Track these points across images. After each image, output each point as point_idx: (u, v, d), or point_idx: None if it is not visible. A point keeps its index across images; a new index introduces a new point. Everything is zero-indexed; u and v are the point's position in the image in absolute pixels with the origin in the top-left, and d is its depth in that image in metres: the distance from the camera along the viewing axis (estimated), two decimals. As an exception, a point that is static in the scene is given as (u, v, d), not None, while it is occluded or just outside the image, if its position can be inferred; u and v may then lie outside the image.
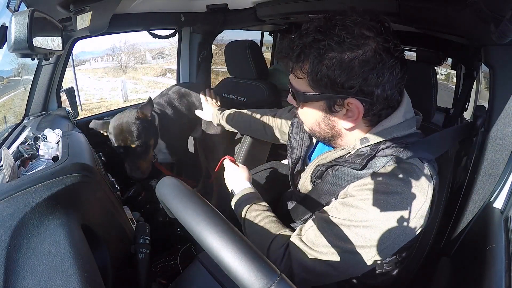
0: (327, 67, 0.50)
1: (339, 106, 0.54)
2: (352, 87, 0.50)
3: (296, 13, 1.17)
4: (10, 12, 0.59)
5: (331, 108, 0.55)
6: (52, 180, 0.52)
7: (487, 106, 0.71)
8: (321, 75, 0.51)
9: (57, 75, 1.19)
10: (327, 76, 0.51)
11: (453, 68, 1.94)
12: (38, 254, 0.43)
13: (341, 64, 0.49)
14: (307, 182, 0.69)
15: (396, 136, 0.56)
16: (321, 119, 0.58)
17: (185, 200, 0.40)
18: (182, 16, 1.38)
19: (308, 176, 0.68)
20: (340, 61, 0.49)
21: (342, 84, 0.51)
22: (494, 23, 0.51)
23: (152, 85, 11.67)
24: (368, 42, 0.49)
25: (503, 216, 0.66)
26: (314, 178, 0.66)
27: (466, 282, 0.62)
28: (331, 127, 0.58)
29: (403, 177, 0.52)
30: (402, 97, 0.58)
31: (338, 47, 0.49)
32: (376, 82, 0.50)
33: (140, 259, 0.63)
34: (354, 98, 0.51)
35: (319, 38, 0.50)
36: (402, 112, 0.57)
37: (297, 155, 0.76)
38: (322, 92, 0.53)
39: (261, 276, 0.31)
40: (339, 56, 0.49)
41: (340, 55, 0.49)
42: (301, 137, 0.76)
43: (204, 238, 0.35)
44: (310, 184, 0.68)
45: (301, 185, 0.73)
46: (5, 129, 1.14)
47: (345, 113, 0.54)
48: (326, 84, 0.52)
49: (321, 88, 0.53)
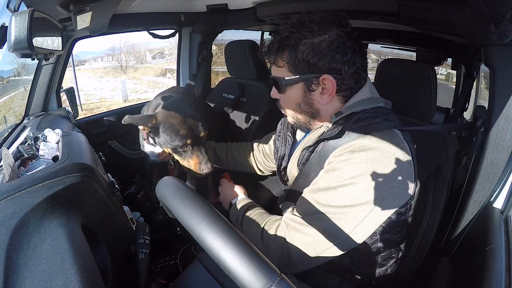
0: (302, 51, 0.61)
1: (315, 85, 0.64)
2: (323, 66, 0.61)
3: (296, 13, 1.17)
4: (10, 12, 0.59)
5: (309, 87, 0.65)
6: (52, 180, 0.52)
7: (487, 106, 0.71)
8: (298, 60, 0.62)
9: (57, 75, 1.18)
10: (302, 59, 0.62)
11: (453, 68, 1.94)
12: (38, 254, 0.43)
13: (313, 47, 0.61)
14: (293, 169, 0.75)
15: (366, 108, 0.64)
16: (301, 99, 0.67)
17: (185, 200, 0.40)
18: (182, 16, 1.37)
19: (294, 163, 0.74)
20: (312, 45, 0.61)
21: (315, 64, 0.61)
22: (494, 23, 0.51)
23: (152, 85, 11.67)
24: (332, 29, 0.61)
25: (503, 216, 0.66)
26: (300, 165, 0.71)
27: (466, 282, 0.62)
28: (310, 105, 0.67)
29: (378, 136, 0.58)
30: (365, 80, 0.67)
31: (309, 34, 0.61)
32: (342, 60, 0.61)
33: (140, 259, 0.63)
34: (327, 74, 0.62)
35: (294, 31, 0.62)
36: (367, 89, 0.66)
37: (281, 151, 0.83)
38: (301, 75, 0.64)
39: (261, 276, 0.31)
40: (311, 41, 0.61)
41: (312, 40, 0.61)
42: (284, 135, 0.84)
43: (204, 238, 0.35)
44: (297, 170, 0.73)
45: (289, 176, 0.79)
46: (5, 129, 1.14)
47: (321, 91, 0.64)
48: (303, 67, 0.63)
49: (299, 71, 0.64)
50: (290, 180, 0.79)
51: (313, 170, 0.67)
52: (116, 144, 1.51)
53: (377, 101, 0.66)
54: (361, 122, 0.61)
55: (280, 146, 0.84)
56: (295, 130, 0.85)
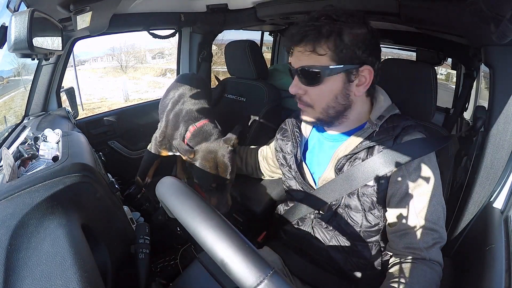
0: (347, 41, 0.60)
1: (354, 76, 0.63)
2: (365, 57, 0.62)
3: (296, 13, 1.17)
4: (10, 12, 0.59)
5: (350, 78, 0.63)
6: (52, 180, 0.52)
7: (487, 106, 0.71)
8: (343, 49, 0.60)
9: (57, 75, 1.19)
10: (348, 48, 0.60)
11: (453, 68, 1.94)
12: (38, 254, 0.43)
13: (357, 37, 0.60)
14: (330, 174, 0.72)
15: (393, 113, 0.69)
16: (339, 91, 0.64)
17: (185, 200, 0.40)
18: (182, 16, 1.37)
19: (331, 169, 0.72)
20: (356, 35, 0.61)
21: (358, 55, 0.61)
22: (494, 23, 0.51)
23: (152, 85, 11.67)
24: (364, 24, 0.62)
25: (503, 216, 0.66)
26: (337, 170, 0.70)
27: (466, 282, 0.62)
28: (346, 97, 0.66)
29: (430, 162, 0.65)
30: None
31: (352, 24, 0.60)
32: (376, 53, 0.64)
33: (140, 259, 0.63)
34: (367, 65, 0.62)
35: (333, 20, 0.60)
36: (387, 96, 0.71)
37: (294, 150, 0.79)
38: (345, 64, 0.62)
39: (255, 270, 0.31)
40: (355, 32, 0.61)
41: (355, 30, 0.61)
42: (293, 133, 0.82)
43: (203, 238, 0.35)
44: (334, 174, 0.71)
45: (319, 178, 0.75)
46: (5, 129, 1.14)
47: (358, 82, 0.64)
48: (346, 56, 0.61)
49: (343, 61, 0.61)
50: (319, 182, 0.75)
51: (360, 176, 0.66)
52: (116, 144, 1.51)
53: (395, 108, 0.71)
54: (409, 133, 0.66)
55: (291, 145, 0.80)
56: (300, 126, 0.82)
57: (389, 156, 0.64)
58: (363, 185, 0.66)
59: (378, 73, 0.66)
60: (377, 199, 0.66)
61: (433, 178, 0.64)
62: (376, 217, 0.68)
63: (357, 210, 0.69)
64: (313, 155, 0.79)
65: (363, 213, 0.68)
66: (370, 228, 0.69)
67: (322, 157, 0.76)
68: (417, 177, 0.64)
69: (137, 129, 1.61)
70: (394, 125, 0.67)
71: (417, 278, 0.60)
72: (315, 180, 0.77)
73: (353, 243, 0.71)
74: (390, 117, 0.68)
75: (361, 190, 0.67)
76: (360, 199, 0.68)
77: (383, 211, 0.68)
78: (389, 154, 0.64)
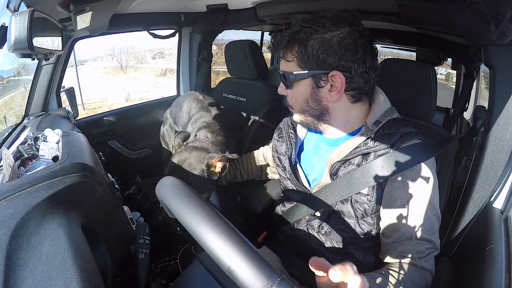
0: (312, 46, 0.60)
1: (324, 81, 0.63)
2: (333, 62, 0.60)
3: (296, 13, 1.17)
4: (10, 12, 0.59)
5: (317, 83, 0.63)
6: (52, 180, 0.52)
7: (487, 106, 0.71)
8: (307, 54, 0.61)
9: (57, 75, 1.18)
10: (312, 54, 0.61)
11: (453, 68, 1.94)
12: (38, 254, 0.43)
13: (323, 43, 0.60)
14: (327, 179, 0.72)
15: (391, 118, 0.66)
16: (309, 96, 0.65)
17: (185, 200, 0.40)
18: (182, 16, 1.38)
19: (327, 174, 0.71)
20: (322, 40, 0.60)
21: (325, 60, 0.60)
22: (494, 23, 0.51)
23: (152, 84, 11.68)
24: (344, 26, 0.60)
25: (503, 216, 0.66)
26: (331, 175, 0.70)
27: (466, 282, 0.62)
28: (318, 102, 0.66)
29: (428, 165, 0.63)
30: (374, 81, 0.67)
31: (320, 29, 0.60)
32: (352, 58, 0.60)
33: (140, 259, 0.63)
34: (336, 71, 0.61)
35: (305, 25, 0.61)
36: (386, 99, 0.69)
37: (288, 151, 0.80)
38: (309, 70, 0.62)
39: (262, 276, 0.31)
40: (321, 37, 0.60)
41: (323, 35, 0.60)
42: (287, 134, 0.82)
43: (204, 238, 0.35)
44: (330, 179, 0.71)
45: (314, 182, 0.75)
46: (5, 129, 1.14)
47: (330, 88, 0.63)
48: (312, 62, 0.61)
49: (309, 66, 0.62)
50: (316, 187, 0.74)
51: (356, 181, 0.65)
52: (116, 144, 1.51)
53: (395, 111, 0.69)
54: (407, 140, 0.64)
55: (286, 146, 0.81)
56: (295, 127, 0.83)
57: (385, 164, 0.62)
58: (357, 192, 0.65)
59: (363, 77, 0.63)
60: (370, 208, 0.65)
61: (430, 188, 0.62)
62: (369, 225, 0.68)
63: (350, 216, 0.68)
64: (308, 157, 0.79)
65: (356, 220, 0.68)
66: (363, 234, 0.68)
67: (317, 160, 0.76)
68: (413, 187, 0.63)
69: (137, 129, 1.61)
70: (392, 131, 0.65)
71: (404, 276, 0.60)
72: (310, 182, 0.77)
73: (347, 246, 0.71)
74: (387, 122, 0.66)
75: (354, 197, 0.66)
76: (354, 206, 0.67)
77: (376, 219, 0.67)
78: (385, 162, 0.62)
